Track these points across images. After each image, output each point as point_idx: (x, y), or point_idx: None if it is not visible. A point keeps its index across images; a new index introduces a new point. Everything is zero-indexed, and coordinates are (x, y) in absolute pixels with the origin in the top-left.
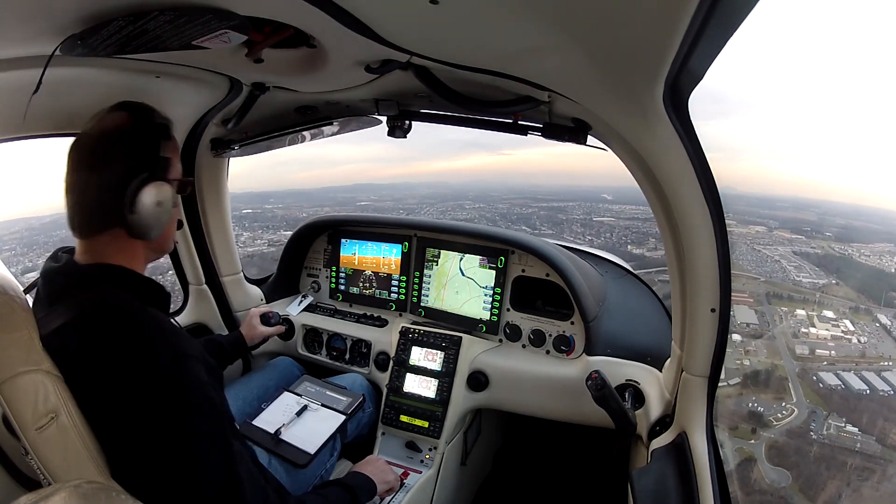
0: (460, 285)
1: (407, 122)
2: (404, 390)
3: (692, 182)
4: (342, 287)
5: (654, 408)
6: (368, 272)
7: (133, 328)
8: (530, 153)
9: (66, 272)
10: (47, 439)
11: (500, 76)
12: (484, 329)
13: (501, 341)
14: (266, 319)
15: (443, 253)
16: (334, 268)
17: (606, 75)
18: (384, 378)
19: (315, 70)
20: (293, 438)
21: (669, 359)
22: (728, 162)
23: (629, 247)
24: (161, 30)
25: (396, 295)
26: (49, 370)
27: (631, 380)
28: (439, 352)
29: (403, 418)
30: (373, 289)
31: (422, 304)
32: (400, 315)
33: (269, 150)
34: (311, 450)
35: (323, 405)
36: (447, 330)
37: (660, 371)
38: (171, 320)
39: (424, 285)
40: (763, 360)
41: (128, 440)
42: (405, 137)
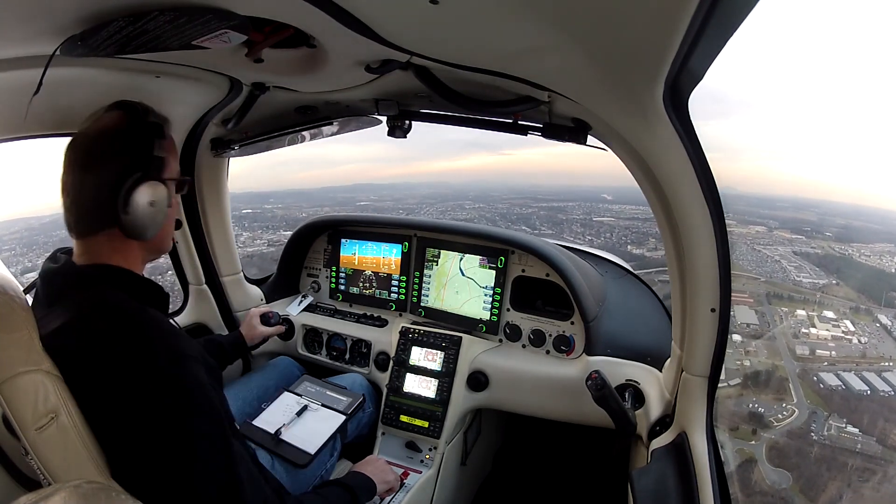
0: (460, 285)
1: (407, 122)
2: (404, 390)
3: (692, 182)
4: (342, 287)
5: (654, 408)
6: (368, 272)
7: (132, 329)
8: (530, 153)
9: (65, 273)
10: (47, 439)
11: (500, 76)
12: (484, 329)
13: (501, 341)
14: (266, 319)
15: (443, 253)
16: (334, 268)
17: (606, 75)
18: (384, 378)
19: (315, 70)
20: (293, 438)
21: (669, 359)
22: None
23: (629, 247)
24: (161, 30)
25: (396, 295)
26: (49, 370)
27: (631, 380)
28: (439, 352)
29: (403, 418)
30: (373, 289)
31: (422, 304)
32: (400, 315)
33: (269, 150)
34: (312, 450)
35: (323, 405)
36: (447, 330)
37: (660, 371)
38: (170, 321)
39: (424, 285)
40: (763, 361)
41: (127, 441)
42: (405, 137)
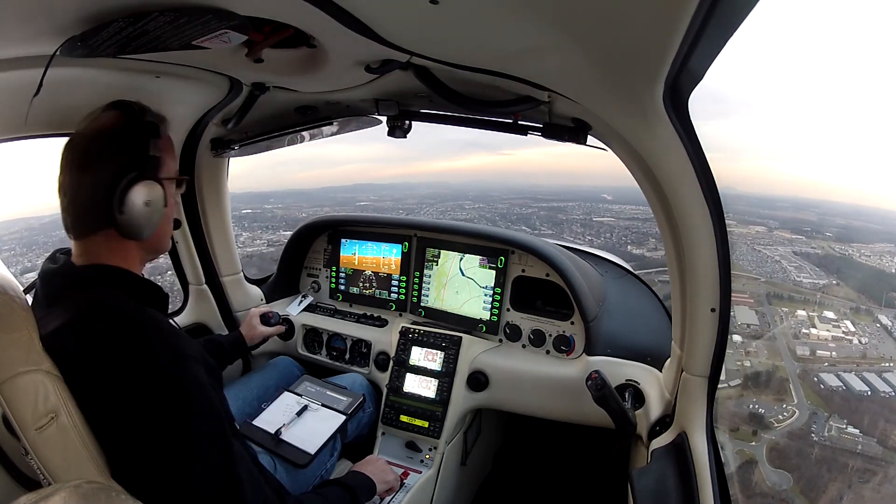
0: (460, 285)
1: (407, 122)
2: (404, 390)
3: (692, 182)
4: (342, 287)
5: (654, 408)
6: (368, 272)
7: (131, 329)
8: (530, 153)
9: (64, 273)
10: (47, 439)
11: (500, 76)
12: (484, 329)
13: (501, 341)
14: (266, 319)
15: (443, 253)
16: (334, 268)
17: (606, 75)
18: (384, 378)
19: (315, 70)
20: (293, 438)
21: (669, 359)
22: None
23: (629, 247)
24: (161, 30)
25: (396, 295)
26: (49, 370)
27: (631, 380)
28: (439, 352)
29: (403, 418)
30: (373, 289)
31: (422, 304)
32: (400, 315)
33: (269, 150)
34: (312, 450)
35: (323, 405)
36: (447, 330)
37: (660, 371)
38: (170, 321)
39: (424, 285)
40: (764, 361)
41: (127, 441)
42: (405, 137)
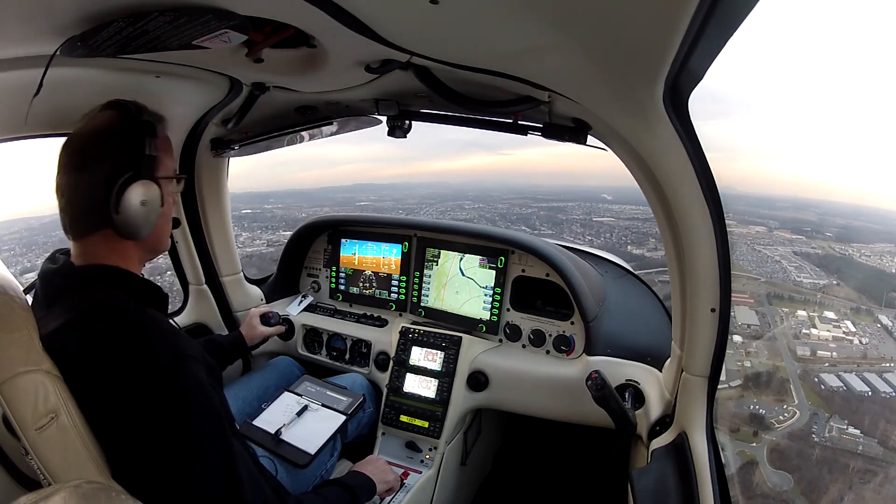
0: (460, 285)
1: (407, 122)
2: (404, 390)
3: (692, 182)
4: (342, 287)
5: (654, 408)
6: (368, 272)
7: (131, 329)
8: (530, 153)
9: (64, 274)
10: (47, 439)
11: (500, 76)
12: (484, 329)
13: (501, 341)
14: (266, 319)
15: (443, 253)
16: (334, 268)
17: (606, 75)
18: (384, 378)
19: (315, 70)
20: (293, 438)
21: (669, 359)
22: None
23: (629, 247)
24: (161, 30)
25: (396, 295)
26: (49, 370)
27: (631, 380)
28: (439, 352)
29: (403, 418)
30: (373, 289)
31: (422, 304)
32: (400, 315)
33: (269, 150)
34: (312, 450)
35: (323, 405)
36: (447, 330)
37: (660, 371)
38: (170, 321)
39: (424, 285)
40: (764, 362)
41: (128, 441)
42: (405, 137)
